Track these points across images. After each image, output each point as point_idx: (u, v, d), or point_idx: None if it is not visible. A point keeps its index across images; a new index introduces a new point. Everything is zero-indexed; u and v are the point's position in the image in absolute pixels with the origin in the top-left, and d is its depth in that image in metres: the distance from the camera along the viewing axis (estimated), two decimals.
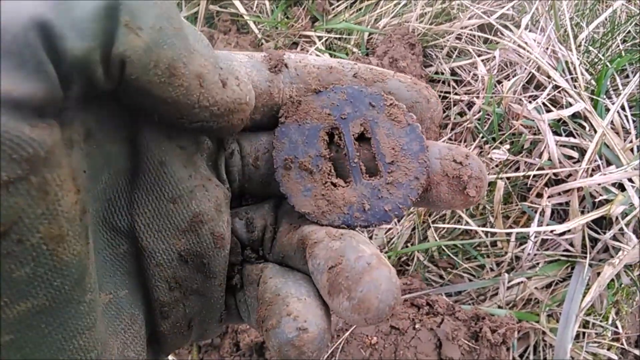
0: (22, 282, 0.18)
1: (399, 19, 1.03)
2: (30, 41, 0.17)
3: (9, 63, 0.17)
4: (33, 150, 0.17)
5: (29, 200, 0.18)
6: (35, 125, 0.18)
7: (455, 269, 0.86)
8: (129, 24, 0.19)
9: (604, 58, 0.89)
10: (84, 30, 0.18)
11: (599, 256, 0.81)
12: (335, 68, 0.29)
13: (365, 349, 0.67)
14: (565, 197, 0.82)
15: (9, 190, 0.17)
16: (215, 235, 0.27)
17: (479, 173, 0.28)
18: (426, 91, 0.30)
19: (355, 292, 0.22)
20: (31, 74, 0.17)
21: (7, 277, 0.18)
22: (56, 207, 0.19)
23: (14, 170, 0.17)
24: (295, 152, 0.29)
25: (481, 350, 0.65)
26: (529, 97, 0.90)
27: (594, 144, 0.81)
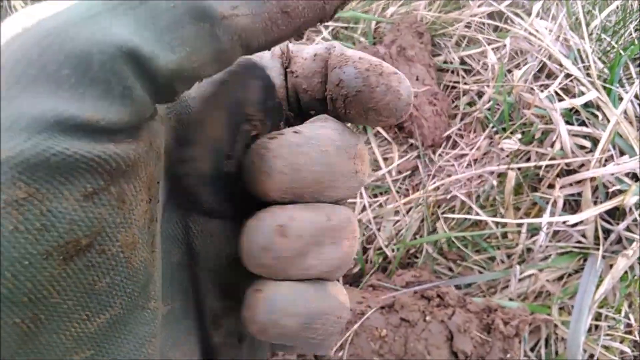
0: (103, 292, 0.19)
1: (407, 7, 1.01)
2: (116, 68, 0.18)
3: (95, 92, 0.17)
4: (116, 164, 0.18)
5: (110, 210, 0.18)
6: (121, 141, 0.18)
7: (465, 261, 0.84)
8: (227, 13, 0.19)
9: (617, 46, 0.87)
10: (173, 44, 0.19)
11: (612, 248, 0.79)
12: (320, 55, 0.27)
13: (374, 341, 0.66)
14: (578, 188, 0.81)
15: (94, 202, 0.18)
16: None
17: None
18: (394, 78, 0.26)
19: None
20: (117, 100, 0.18)
21: (90, 289, 0.18)
22: (130, 216, 0.19)
23: (97, 182, 0.18)
24: None
25: (493, 343, 0.64)
26: (541, 86, 0.88)
27: (607, 134, 0.79)
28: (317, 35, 1.06)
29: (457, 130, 0.92)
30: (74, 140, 0.17)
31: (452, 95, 0.96)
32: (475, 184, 0.86)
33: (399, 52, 0.92)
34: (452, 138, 0.92)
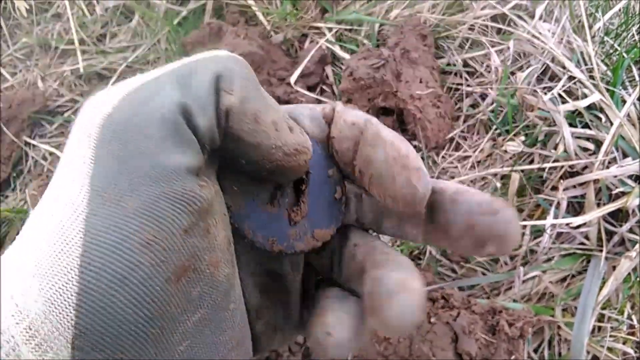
0: (196, 298, 0.25)
1: (410, 9, 1.02)
2: (179, 122, 0.24)
3: (171, 142, 0.24)
4: (201, 204, 0.24)
5: (200, 239, 0.24)
6: (201, 184, 0.25)
7: (469, 262, 0.85)
8: (226, 89, 0.25)
9: (620, 49, 0.88)
10: (205, 105, 0.25)
11: (615, 249, 0.80)
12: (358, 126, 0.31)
13: (379, 343, 0.66)
14: (581, 190, 0.81)
15: (189, 234, 0.24)
16: (291, 261, 0.34)
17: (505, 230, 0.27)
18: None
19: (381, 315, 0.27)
20: (187, 147, 0.24)
21: (188, 297, 0.25)
22: (214, 242, 0.25)
23: (191, 219, 0.24)
24: None
25: (498, 344, 0.64)
26: (544, 88, 0.88)
27: (610, 136, 0.79)
28: (321, 37, 1.06)
29: (461, 133, 0.93)
30: (171, 185, 0.23)
31: (455, 98, 0.97)
32: (478, 186, 0.86)
33: (403, 55, 0.92)
34: (456, 140, 0.92)
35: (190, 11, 1.20)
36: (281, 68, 1.05)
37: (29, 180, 1.13)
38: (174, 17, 1.20)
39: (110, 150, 0.23)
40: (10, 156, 1.15)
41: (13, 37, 1.32)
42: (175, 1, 1.22)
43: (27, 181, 1.13)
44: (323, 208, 0.32)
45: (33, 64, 1.27)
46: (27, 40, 1.29)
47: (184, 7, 1.20)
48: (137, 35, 1.26)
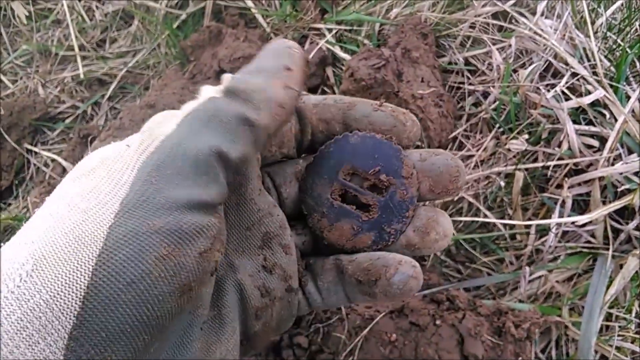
0: (185, 311, 0.29)
1: (410, 8, 1.01)
2: (212, 163, 0.29)
3: (203, 180, 0.28)
4: (215, 231, 0.28)
5: (207, 262, 0.28)
6: (217, 216, 0.29)
7: (474, 263, 0.84)
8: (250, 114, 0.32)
9: (623, 44, 0.87)
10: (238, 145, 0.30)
11: (621, 247, 0.79)
12: (329, 104, 0.39)
13: (385, 346, 0.66)
14: (586, 188, 0.80)
15: (202, 257, 0.27)
16: (283, 246, 0.38)
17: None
18: (402, 117, 0.38)
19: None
20: (213, 185, 0.29)
21: (181, 311, 0.27)
22: (214, 265, 0.29)
23: (206, 244, 0.28)
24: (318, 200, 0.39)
25: (505, 346, 0.64)
26: (547, 85, 0.87)
27: (614, 132, 0.78)
28: (321, 38, 1.06)
29: (463, 132, 0.92)
30: (195, 215, 0.27)
31: (457, 96, 0.96)
32: (482, 185, 0.86)
33: (404, 54, 0.92)
34: (459, 139, 0.92)
35: (190, 15, 1.19)
36: None
37: (31, 187, 1.13)
38: (174, 20, 1.20)
39: (147, 180, 0.27)
40: (12, 164, 1.15)
41: (13, 44, 1.32)
42: (175, 5, 1.21)
43: (29, 188, 1.13)
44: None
45: (33, 71, 1.27)
46: (27, 47, 1.29)
47: (183, 10, 1.20)
48: (136, 40, 1.25)
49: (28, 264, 0.25)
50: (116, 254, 0.25)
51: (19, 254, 0.25)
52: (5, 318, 0.23)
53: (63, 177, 1.06)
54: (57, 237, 0.26)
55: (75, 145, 1.09)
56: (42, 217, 0.28)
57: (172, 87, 1.04)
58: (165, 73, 1.14)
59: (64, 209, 0.27)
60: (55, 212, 0.27)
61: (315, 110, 0.39)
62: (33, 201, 0.99)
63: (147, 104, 0.97)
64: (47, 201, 0.29)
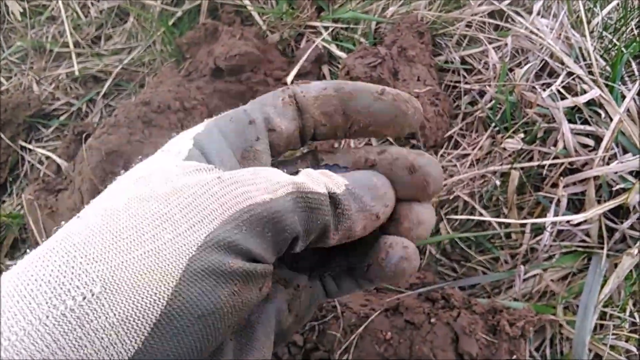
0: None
1: (407, 7, 1.01)
2: (289, 241, 0.30)
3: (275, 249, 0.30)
4: (267, 272, 0.30)
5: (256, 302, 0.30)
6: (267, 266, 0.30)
7: (469, 261, 0.84)
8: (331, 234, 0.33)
9: (619, 43, 0.87)
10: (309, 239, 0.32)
11: (616, 246, 0.79)
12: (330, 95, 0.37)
13: (379, 344, 0.66)
14: (581, 187, 0.80)
15: (260, 294, 0.30)
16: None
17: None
18: (404, 105, 0.37)
19: None
20: (277, 253, 0.30)
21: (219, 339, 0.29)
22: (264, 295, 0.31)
23: (262, 282, 0.30)
24: None
25: (499, 344, 0.64)
26: (543, 84, 0.87)
27: (610, 132, 0.78)
28: (317, 36, 1.05)
29: (459, 130, 0.92)
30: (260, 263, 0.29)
31: (453, 95, 0.96)
32: (478, 184, 0.86)
33: (400, 53, 0.92)
34: (454, 138, 0.92)
35: (185, 12, 1.19)
36: (277, 68, 1.04)
37: (25, 184, 1.12)
38: (169, 18, 1.19)
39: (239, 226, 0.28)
40: (6, 161, 1.14)
41: (8, 41, 1.31)
42: (170, 2, 1.21)
43: (24, 185, 1.12)
44: None
45: (28, 68, 1.26)
46: (21, 44, 1.28)
47: (178, 7, 1.19)
48: (132, 37, 1.25)
49: (95, 285, 0.24)
50: (193, 287, 0.25)
51: (79, 271, 0.25)
52: (62, 336, 0.23)
53: (60, 175, 1.04)
54: (132, 262, 0.25)
55: (70, 142, 1.08)
56: (100, 231, 0.27)
57: (168, 84, 1.03)
58: (160, 70, 1.13)
59: (132, 229, 0.27)
60: (121, 230, 0.27)
61: (317, 103, 0.37)
62: (27, 198, 0.98)
63: (142, 102, 0.96)
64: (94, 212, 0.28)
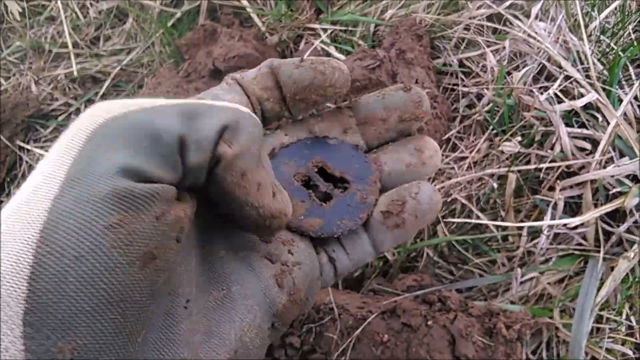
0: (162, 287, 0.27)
1: (405, 10, 1.01)
2: (172, 149, 0.26)
3: (161, 160, 0.26)
4: (171, 195, 0.26)
5: (170, 228, 0.26)
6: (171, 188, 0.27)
7: (466, 264, 0.84)
8: (227, 140, 0.28)
9: (616, 47, 0.87)
10: (203, 147, 0.27)
11: (612, 250, 0.79)
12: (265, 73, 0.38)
13: (376, 346, 0.66)
14: (578, 190, 0.81)
15: (160, 222, 0.25)
16: None
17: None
18: (322, 66, 0.37)
19: None
20: (170, 168, 0.26)
21: (155, 286, 0.26)
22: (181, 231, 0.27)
23: (162, 207, 0.25)
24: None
25: (496, 347, 0.64)
26: (540, 88, 0.88)
27: (607, 136, 0.79)
28: (316, 38, 1.06)
29: (457, 133, 0.92)
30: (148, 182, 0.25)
31: (451, 98, 0.96)
32: (475, 187, 0.86)
33: (398, 55, 0.92)
34: (452, 141, 0.92)
35: (185, 13, 1.19)
36: None
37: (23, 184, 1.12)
38: (168, 19, 1.19)
39: (96, 148, 0.25)
40: (4, 161, 1.14)
41: (6, 41, 1.31)
42: (169, 3, 1.21)
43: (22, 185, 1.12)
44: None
45: (26, 68, 1.26)
46: (20, 44, 1.28)
47: (178, 9, 1.20)
48: (131, 38, 1.25)
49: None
50: (59, 227, 0.23)
51: None
52: None
53: None
54: (8, 218, 0.24)
55: None
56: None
57: (166, 85, 1.04)
58: (159, 71, 1.13)
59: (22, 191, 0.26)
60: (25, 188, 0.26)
61: (255, 81, 0.38)
62: None
63: None
64: None
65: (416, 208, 0.38)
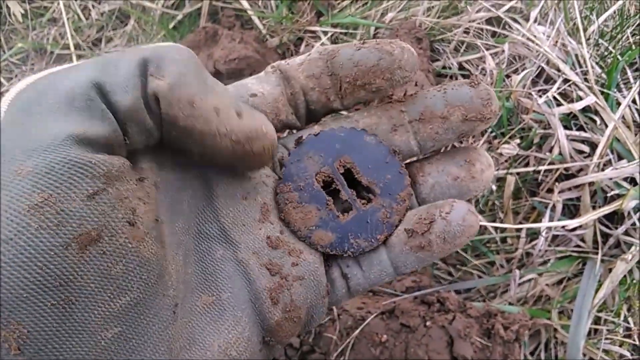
0: (119, 277, 0.24)
1: (405, 13, 1.02)
2: (92, 97, 0.24)
3: (81, 114, 0.23)
4: (106, 169, 0.23)
5: (111, 207, 0.23)
6: (107, 154, 0.24)
7: (465, 265, 0.85)
8: (154, 73, 0.25)
9: (615, 51, 0.88)
10: (126, 85, 0.25)
11: (610, 252, 0.80)
12: (314, 58, 0.34)
13: (375, 347, 0.66)
14: (576, 192, 0.81)
15: (96, 201, 0.23)
16: (283, 218, 0.34)
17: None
18: (389, 46, 0.33)
19: None
20: (98, 120, 0.24)
21: (107, 274, 0.23)
22: (131, 215, 0.24)
23: (95, 184, 0.23)
24: (298, 192, 0.35)
25: (494, 348, 0.64)
26: (539, 91, 0.88)
27: (605, 138, 0.79)
28: (317, 41, 1.06)
29: None
30: (71, 150, 0.22)
31: None
32: None
33: None
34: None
35: (186, 15, 1.20)
36: None
37: None
38: (170, 21, 1.20)
39: (14, 121, 0.23)
40: None
41: (9, 42, 1.32)
42: (171, 5, 1.22)
43: None
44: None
45: (29, 69, 1.27)
46: (22, 45, 1.29)
47: (179, 11, 1.20)
48: (132, 40, 1.26)
49: None
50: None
51: None
52: None
53: None
54: None
55: None
56: None
57: None
58: None
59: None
60: None
61: (301, 68, 0.34)
62: None
63: None
64: None
65: (445, 230, 0.33)
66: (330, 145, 0.36)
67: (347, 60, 0.33)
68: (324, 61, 0.34)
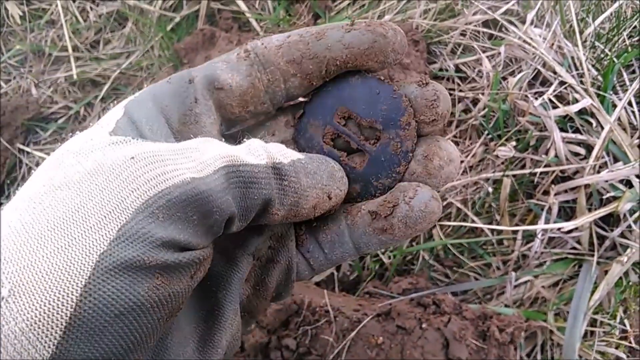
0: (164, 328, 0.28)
1: (402, 15, 1.02)
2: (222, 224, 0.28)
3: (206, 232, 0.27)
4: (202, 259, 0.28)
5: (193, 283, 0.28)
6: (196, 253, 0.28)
7: (461, 267, 0.85)
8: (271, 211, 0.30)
9: (611, 53, 0.88)
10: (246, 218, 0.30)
11: (606, 254, 0.80)
12: (295, 41, 0.33)
13: (371, 349, 0.67)
14: (572, 195, 0.81)
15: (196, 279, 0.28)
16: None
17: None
18: (381, 28, 0.32)
19: None
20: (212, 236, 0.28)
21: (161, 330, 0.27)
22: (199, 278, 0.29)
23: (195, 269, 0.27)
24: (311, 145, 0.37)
25: (489, 350, 0.65)
26: (535, 93, 0.89)
27: (601, 141, 0.80)
28: None
29: (453, 138, 0.93)
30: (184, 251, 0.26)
31: None
32: (470, 191, 0.87)
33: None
34: None
35: (184, 17, 1.20)
36: None
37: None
38: (167, 23, 1.20)
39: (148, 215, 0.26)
40: (4, 163, 1.15)
41: (7, 44, 1.32)
42: (169, 7, 1.22)
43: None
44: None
45: (27, 71, 1.27)
46: (20, 47, 1.29)
47: (177, 13, 1.21)
48: (130, 42, 1.26)
49: (4, 288, 0.23)
50: (105, 284, 0.23)
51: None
52: None
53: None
54: (39, 261, 0.24)
55: None
56: (16, 229, 0.25)
57: None
58: (158, 75, 1.14)
59: (44, 224, 0.25)
60: (33, 225, 0.25)
61: (280, 52, 0.33)
62: None
63: None
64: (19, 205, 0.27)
65: (407, 215, 0.32)
66: (325, 103, 0.36)
67: (336, 42, 0.32)
68: (305, 43, 0.33)
